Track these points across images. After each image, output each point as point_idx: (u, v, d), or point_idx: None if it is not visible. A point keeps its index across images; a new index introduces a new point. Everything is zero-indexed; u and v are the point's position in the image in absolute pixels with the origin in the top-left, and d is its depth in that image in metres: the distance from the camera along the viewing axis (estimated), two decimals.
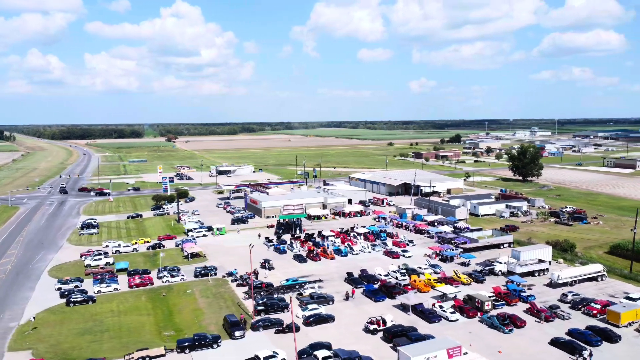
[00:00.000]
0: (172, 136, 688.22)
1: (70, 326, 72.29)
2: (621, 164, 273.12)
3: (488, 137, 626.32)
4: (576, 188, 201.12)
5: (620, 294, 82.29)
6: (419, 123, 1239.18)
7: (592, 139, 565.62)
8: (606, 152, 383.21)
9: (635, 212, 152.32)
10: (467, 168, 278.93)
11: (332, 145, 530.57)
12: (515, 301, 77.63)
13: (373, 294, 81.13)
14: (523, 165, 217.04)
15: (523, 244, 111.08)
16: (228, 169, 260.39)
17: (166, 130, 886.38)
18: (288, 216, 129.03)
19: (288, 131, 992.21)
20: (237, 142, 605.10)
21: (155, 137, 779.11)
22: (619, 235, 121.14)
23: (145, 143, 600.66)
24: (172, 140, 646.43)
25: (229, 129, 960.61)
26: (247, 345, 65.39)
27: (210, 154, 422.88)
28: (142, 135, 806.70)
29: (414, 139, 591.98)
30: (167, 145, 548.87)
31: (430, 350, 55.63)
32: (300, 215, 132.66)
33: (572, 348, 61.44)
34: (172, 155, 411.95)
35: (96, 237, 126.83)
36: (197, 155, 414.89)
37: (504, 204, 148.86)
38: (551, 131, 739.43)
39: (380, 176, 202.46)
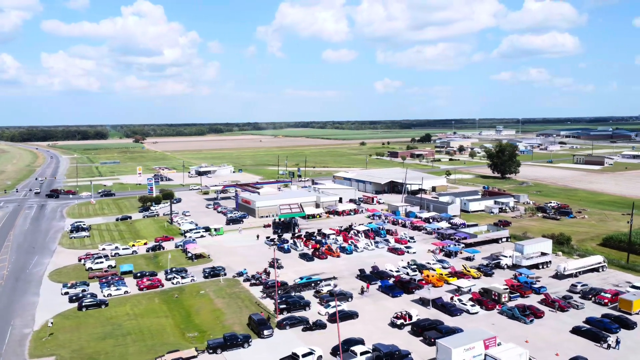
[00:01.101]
0: (139, 137, 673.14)
1: (88, 331, 70.21)
2: (590, 161, 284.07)
3: (455, 136, 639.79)
4: (553, 184, 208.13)
5: (623, 283, 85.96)
6: (386, 123, 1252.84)
7: (555, 137, 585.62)
8: (572, 150, 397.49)
9: (613, 206, 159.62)
10: (444, 166, 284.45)
11: (305, 145, 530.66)
12: (529, 293, 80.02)
13: (390, 289, 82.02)
14: (501, 163, 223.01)
15: (519, 238, 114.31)
16: (208, 170, 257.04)
17: (132, 131, 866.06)
18: (287, 215, 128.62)
19: (257, 131, 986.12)
20: (208, 143, 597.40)
21: (121, 139, 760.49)
22: (606, 228, 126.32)
23: (113, 144, 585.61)
24: (139, 141, 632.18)
25: (196, 130, 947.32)
26: (278, 343, 65.15)
27: (183, 154, 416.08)
28: (106, 137, 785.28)
29: (384, 139, 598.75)
30: (136, 147, 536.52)
31: (468, 341, 56.82)
32: (300, 214, 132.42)
33: (596, 335, 63.92)
34: (143, 157, 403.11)
35: (89, 240, 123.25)
36: (169, 156, 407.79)
37: (492, 200, 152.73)
38: (515, 130, 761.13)
39: (366, 175, 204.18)
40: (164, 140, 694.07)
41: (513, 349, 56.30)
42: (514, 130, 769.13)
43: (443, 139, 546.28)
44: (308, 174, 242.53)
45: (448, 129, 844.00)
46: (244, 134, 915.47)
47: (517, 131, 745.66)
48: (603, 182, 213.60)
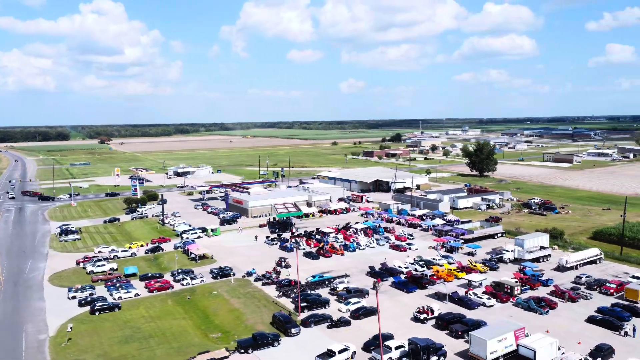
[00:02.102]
0: (105, 138, 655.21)
1: (108, 334, 68.46)
2: (559, 158, 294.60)
3: (424, 135, 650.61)
4: (530, 181, 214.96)
5: (621, 274, 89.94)
6: (353, 123, 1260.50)
7: (520, 136, 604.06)
8: (538, 149, 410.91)
9: (591, 201, 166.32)
10: (421, 165, 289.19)
11: (278, 145, 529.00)
12: (538, 285, 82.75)
13: (404, 285, 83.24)
14: (480, 161, 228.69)
15: (513, 233, 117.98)
16: (187, 171, 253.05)
17: (95, 132, 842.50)
18: (285, 214, 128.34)
19: (224, 132, 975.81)
20: (177, 144, 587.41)
21: (84, 140, 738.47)
22: (591, 223, 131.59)
23: (77, 146, 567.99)
24: (105, 142, 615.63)
25: (162, 130, 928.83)
26: (307, 341, 65.31)
27: (154, 155, 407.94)
28: (68, 138, 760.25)
29: (354, 139, 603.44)
30: (103, 148, 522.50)
31: (499, 333, 58.43)
32: (297, 213, 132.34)
33: (611, 324, 66.82)
34: (113, 158, 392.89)
35: (81, 243, 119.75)
36: (141, 157, 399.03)
37: (480, 198, 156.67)
38: (480, 130, 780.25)
39: (350, 174, 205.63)
40: (130, 141, 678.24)
41: (543, 339, 58.29)
42: (479, 129, 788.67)
43: (413, 139, 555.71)
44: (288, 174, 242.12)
45: (414, 129, 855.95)
46: (212, 134, 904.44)
47: (482, 130, 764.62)
48: (576, 179, 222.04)
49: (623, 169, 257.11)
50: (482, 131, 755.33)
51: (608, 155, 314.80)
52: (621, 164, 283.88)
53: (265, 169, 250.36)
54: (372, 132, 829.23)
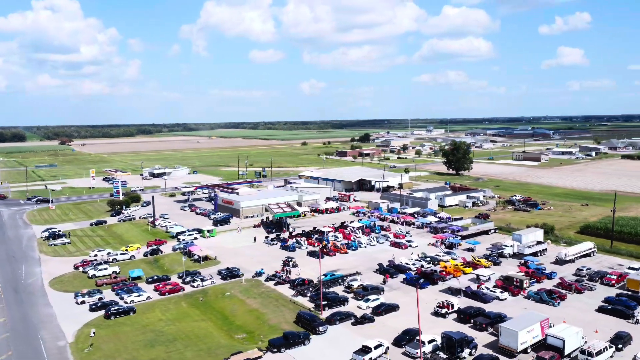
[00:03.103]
0: (65, 139, 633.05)
1: (130, 339, 66.97)
2: (527, 157, 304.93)
3: (390, 135, 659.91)
4: (506, 179, 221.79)
5: (616, 265, 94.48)
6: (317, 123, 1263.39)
7: (483, 135, 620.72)
8: (504, 148, 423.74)
9: (568, 197, 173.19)
10: (398, 164, 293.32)
11: (248, 145, 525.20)
12: (543, 278, 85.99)
13: (416, 281, 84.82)
14: (456, 160, 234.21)
15: (505, 229, 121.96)
16: (163, 172, 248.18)
17: (52, 133, 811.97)
18: (282, 214, 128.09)
19: (188, 132, 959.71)
20: (143, 144, 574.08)
21: (41, 141, 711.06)
22: (574, 218, 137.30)
23: (37, 147, 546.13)
24: (66, 143, 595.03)
25: (124, 131, 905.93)
26: (335, 338, 65.84)
27: (122, 157, 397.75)
28: (25, 139, 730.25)
29: (322, 139, 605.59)
30: (65, 149, 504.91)
31: (527, 324, 60.60)
32: (294, 213, 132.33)
33: (622, 313, 70.33)
34: (79, 160, 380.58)
35: (73, 247, 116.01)
36: (108, 158, 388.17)
37: (465, 195, 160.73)
38: (444, 129, 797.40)
39: (333, 173, 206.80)
40: (92, 142, 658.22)
41: (569, 328, 60.86)
42: (442, 129, 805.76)
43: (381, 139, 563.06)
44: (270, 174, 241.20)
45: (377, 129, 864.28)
46: (176, 135, 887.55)
47: (445, 130, 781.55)
48: (548, 176, 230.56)
49: (588, 167, 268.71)
50: (445, 131, 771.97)
51: (572, 154, 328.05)
52: (585, 161, 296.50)
53: (244, 169, 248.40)
54: (339, 132, 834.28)
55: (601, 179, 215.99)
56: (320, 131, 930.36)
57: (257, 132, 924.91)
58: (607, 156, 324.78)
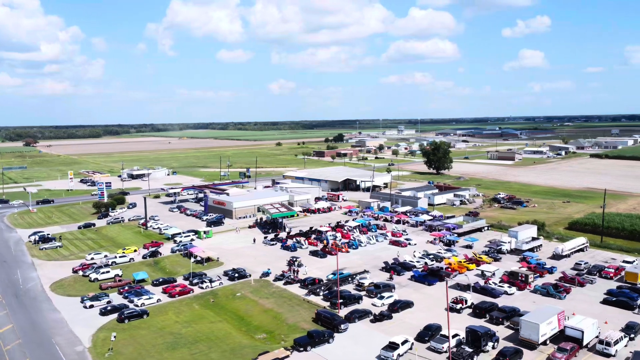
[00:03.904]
0: (30, 140, 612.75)
1: (150, 342, 65.94)
2: (502, 156, 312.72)
3: (362, 135, 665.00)
4: (485, 178, 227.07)
5: (609, 259, 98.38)
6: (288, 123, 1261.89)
7: (453, 135, 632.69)
8: (476, 147, 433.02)
9: (548, 195, 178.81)
10: (377, 164, 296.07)
11: (222, 146, 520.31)
12: (545, 273, 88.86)
13: (424, 278, 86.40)
14: (437, 160, 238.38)
15: (498, 226, 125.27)
16: (142, 173, 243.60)
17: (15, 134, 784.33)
18: (279, 214, 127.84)
19: (157, 133, 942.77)
20: (113, 146, 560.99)
21: (3, 142, 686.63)
22: (559, 215, 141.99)
23: (1, 148, 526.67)
24: (31, 144, 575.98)
25: (90, 132, 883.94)
26: (357, 335, 66.54)
27: (94, 158, 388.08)
28: None
29: (295, 139, 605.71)
30: (31, 150, 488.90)
31: (545, 317, 62.68)
32: (291, 213, 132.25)
33: (626, 304, 73.50)
34: (50, 161, 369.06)
35: (66, 250, 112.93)
36: (79, 160, 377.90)
37: (452, 194, 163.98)
38: (415, 130, 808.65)
39: (319, 173, 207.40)
40: (59, 143, 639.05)
41: (586, 320, 63.32)
42: (412, 129, 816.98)
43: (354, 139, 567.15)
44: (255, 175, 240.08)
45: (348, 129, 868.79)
46: (145, 135, 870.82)
47: (416, 130, 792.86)
48: (525, 175, 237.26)
49: (561, 165, 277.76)
50: (416, 131, 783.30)
51: (543, 153, 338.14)
52: (556, 160, 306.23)
53: (226, 170, 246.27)
54: (311, 133, 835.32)
55: (575, 177, 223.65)
56: (292, 132, 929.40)
57: (228, 132, 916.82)
58: (576, 155, 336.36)
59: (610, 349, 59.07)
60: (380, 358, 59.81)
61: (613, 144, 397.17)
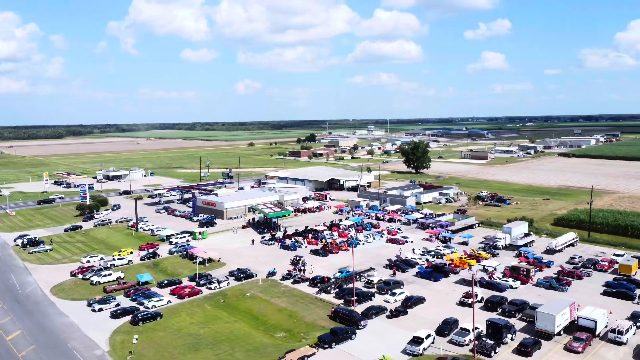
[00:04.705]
0: None
1: (170, 343, 65.14)
2: (475, 156, 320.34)
3: (333, 135, 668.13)
4: (463, 177, 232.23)
5: (599, 253, 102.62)
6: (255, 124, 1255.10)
7: (422, 136, 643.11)
8: (447, 147, 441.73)
9: (526, 192, 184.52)
10: (353, 164, 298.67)
11: (193, 147, 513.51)
12: (543, 267, 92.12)
13: (430, 274, 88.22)
14: (416, 159, 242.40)
15: (487, 223, 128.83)
16: (119, 174, 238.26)
17: None
18: (274, 214, 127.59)
19: (122, 134, 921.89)
20: (79, 146, 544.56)
21: None
22: (542, 211, 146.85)
23: None
24: None
25: (53, 132, 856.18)
26: (377, 331, 67.56)
27: (62, 159, 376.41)
28: None
29: (265, 139, 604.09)
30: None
31: (559, 308, 65.19)
32: (286, 212, 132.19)
33: (626, 295, 77.11)
34: (15, 163, 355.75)
35: (57, 254, 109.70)
36: (47, 161, 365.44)
37: (437, 192, 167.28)
38: (384, 130, 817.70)
39: (302, 173, 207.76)
40: (20, 144, 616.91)
41: (597, 310, 66.19)
42: (382, 129, 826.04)
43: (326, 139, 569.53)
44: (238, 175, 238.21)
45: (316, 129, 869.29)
46: (110, 136, 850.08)
47: (386, 130, 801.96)
48: (500, 173, 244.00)
49: (532, 164, 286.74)
50: (386, 131, 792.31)
51: (513, 152, 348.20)
52: (527, 159, 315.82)
53: (206, 170, 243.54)
54: (281, 133, 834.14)
55: (549, 175, 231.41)
56: (262, 132, 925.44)
57: (196, 132, 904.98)
58: (545, 154, 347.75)
59: (622, 337, 62.01)
60: (406, 352, 60.98)
61: (577, 143, 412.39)
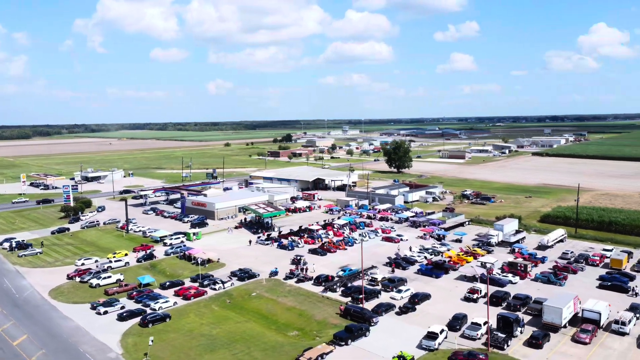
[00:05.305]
0: None
1: (184, 344, 64.70)
2: (453, 155, 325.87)
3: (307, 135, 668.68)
4: (444, 175, 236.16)
5: (587, 248, 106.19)
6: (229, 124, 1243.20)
7: (397, 136, 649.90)
8: (423, 147, 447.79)
9: (508, 190, 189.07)
10: (334, 164, 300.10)
11: (168, 147, 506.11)
12: (538, 263, 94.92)
13: (431, 271, 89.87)
14: (398, 158, 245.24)
15: (477, 221, 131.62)
16: (97, 175, 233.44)
17: None
18: (269, 214, 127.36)
19: (92, 134, 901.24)
20: (49, 147, 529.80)
21: None
22: (526, 209, 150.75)
23: None
24: None
25: (19, 133, 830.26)
26: (389, 327, 68.60)
27: (34, 160, 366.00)
28: None
29: (241, 140, 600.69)
30: None
31: (565, 301, 67.57)
32: (280, 212, 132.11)
33: (621, 287, 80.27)
34: None
35: (47, 257, 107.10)
36: (18, 163, 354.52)
37: (424, 191, 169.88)
38: (359, 130, 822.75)
39: (288, 173, 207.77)
40: None
41: (599, 303, 68.78)
42: (357, 130, 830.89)
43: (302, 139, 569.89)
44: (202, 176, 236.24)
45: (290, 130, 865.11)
46: (78, 136, 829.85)
47: (360, 131, 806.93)
48: (479, 172, 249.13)
49: (509, 163, 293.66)
50: (360, 131, 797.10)
51: (488, 152, 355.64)
52: (503, 158, 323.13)
53: (187, 171, 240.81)
54: (255, 133, 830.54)
55: (527, 174, 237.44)
56: (235, 132, 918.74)
57: (169, 133, 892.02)
58: (519, 153, 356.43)
59: (625, 328, 64.68)
60: (422, 347, 62.17)
61: (549, 142, 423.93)
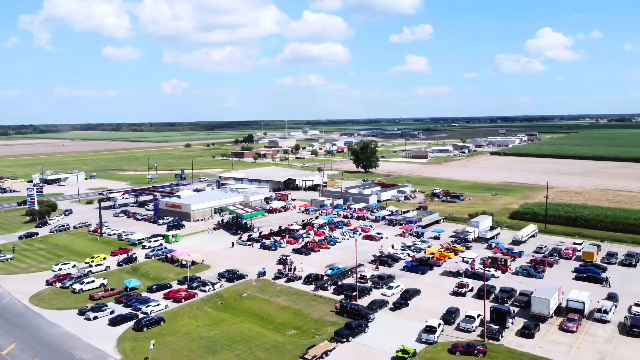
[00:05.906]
0: None
1: (184, 347, 63.99)
2: (416, 155, 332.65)
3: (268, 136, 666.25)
4: (411, 175, 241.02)
5: (558, 242, 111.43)
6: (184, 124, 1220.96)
7: (357, 136, 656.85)
8: (385, 147, 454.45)
9: (473, 189, 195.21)
10: (299, 164, 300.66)
11: (127, 148, 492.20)
12: (516, 257, 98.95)
13: (417, 268, 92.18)
14: (365, 158, 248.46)
15: (451, 218, 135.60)
16: (58, 177, 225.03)
17: None
18: (249, 215, 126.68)
19: (41, 135, 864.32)
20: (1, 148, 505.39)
21: None
22: (495, 206, 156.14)
23: None
24: None
25: None
26: (386, 323, 70.16)
27: None
28: None
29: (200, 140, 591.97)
30: None
31: (551, 292, 71.06)
32: (260, 213, 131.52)
33: (595, 278, 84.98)
34: None
35: (20, 262, 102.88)
36: None
37: (396, 190, 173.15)
38: (319, 130, 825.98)
39: (258, 174, 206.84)
40: None
41: (582, 293, 72.65)
42: (317, 130, 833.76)
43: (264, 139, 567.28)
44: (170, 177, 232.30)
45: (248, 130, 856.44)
46: (27, 137, 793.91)
47: (321, 131, 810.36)
48: (443, 171, 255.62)
49: (470, 162, 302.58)
50: (321, 131, 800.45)
51: (449, 152, 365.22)
52: (463, 158, 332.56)
53: (153, 172, 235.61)
54: (214, 134, 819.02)
55: (489, 173, 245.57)
56: (194, 133, 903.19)
57: (124, 133, 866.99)
58: (478, 153, 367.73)
59: (607, 316, 68.72)
60: (422, 341, 63.96)
61: (504, 142, 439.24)
